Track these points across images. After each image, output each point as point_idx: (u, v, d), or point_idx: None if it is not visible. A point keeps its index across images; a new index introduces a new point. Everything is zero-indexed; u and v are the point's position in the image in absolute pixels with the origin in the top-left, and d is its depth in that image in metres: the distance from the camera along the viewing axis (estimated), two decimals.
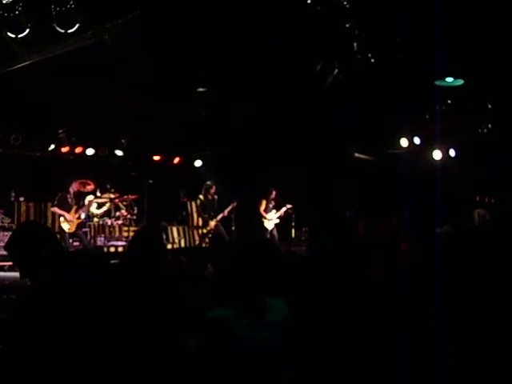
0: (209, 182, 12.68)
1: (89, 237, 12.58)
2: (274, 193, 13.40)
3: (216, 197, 12.60)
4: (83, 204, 11.88)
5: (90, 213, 12.68)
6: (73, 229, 11.41)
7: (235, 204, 12.70)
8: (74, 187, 11.62)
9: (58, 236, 10.75)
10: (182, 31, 7.99)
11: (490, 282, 4.15)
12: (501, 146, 12.25)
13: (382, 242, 6.68)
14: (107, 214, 13.03)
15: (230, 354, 3.12)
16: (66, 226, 11.35)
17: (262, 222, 13.21)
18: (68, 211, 11.45)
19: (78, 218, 11.61)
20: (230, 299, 3.23)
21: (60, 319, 3.08)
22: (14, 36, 7.02)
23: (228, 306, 3.20)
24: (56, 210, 11.53)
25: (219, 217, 12.55)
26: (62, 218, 11.44)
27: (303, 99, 10.63)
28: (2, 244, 11.74)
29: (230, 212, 12.72)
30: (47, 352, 3.03)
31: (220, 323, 3.16)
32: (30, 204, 12.67)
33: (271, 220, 13.30)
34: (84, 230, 12.32)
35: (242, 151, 14.31)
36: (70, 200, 11.56)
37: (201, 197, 12.55)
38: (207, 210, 12.55)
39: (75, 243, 12.03)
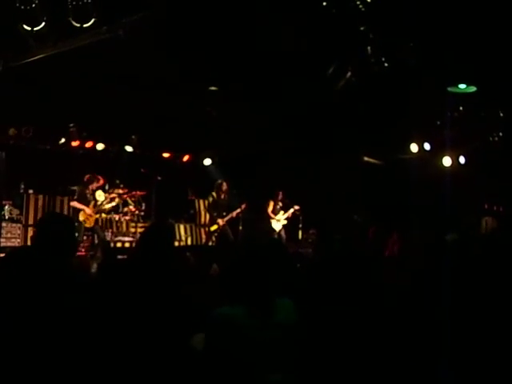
0: (220, 181, 12.67)
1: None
2: (280, 194, 13.41)
3: (227, 196, 12.60)
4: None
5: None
6: (91, 223, 11.52)
7: (244, 206, 12.69)
8: (93, 185, 11.71)
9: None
10: (196, 29, 8.00)
11: (496, 290, 4.14)
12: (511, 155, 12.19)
13: (390, 250, 6.67)
14: (115, 209, 13.06)
15: (236, 352, 3.12)
16: (84, 221, 11.43)
17: (270, 223, 13.22)
18: (87, 206, 11.55)
19: (97, 213, 11.72)
20: (238, 298, 3.23)
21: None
22: (29, 29, 7.04)
23: (235, 304, 3.20)
24: (75, 204, 11.59)
25: (227, 217, 12.54)
26: (81, 212, 11.50)
27: (315, 101, 10.63)
28: (10, 236, 11.82)
29: (238, 214, 12.71)
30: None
31: (226, 321, 3.16)
32: (39, 196, 12.71)
33: (279, 221, 13.31)
34: None
35: (250, 152, 14.32)
36: (88, 195, 11.66)
37: (214, 194, 12.54)
38: (217, 209, 12.53)
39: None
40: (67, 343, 3.10)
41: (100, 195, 12.62)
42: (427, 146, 12.89)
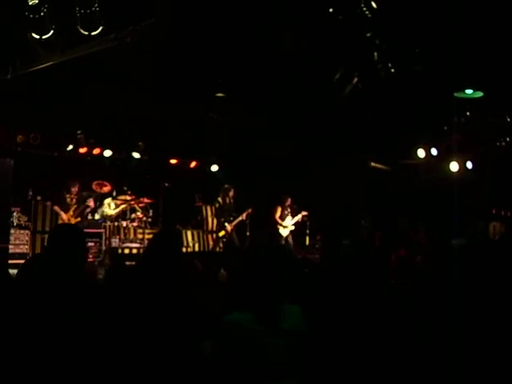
0: (227, 186, 12.68)
1: (104, 238, 12.63)
2: (289, 200, 13.41)
3: (232, 201, 12.61)
4: (84, 205, 11.98)
5: (105, 213, 12.77)
6: None
7: (251, 209, 12.69)
8: (76, 188, 11.70)
9: None
10: (202, 35, 8.03)
11: (505, 295, 4.13)
12: None
13: (397, 255, 6.67)
14: (122, 215, 13.10)
15: (243, 358, 3.13)
16: None
17: (278, 229, 13.22)
18: (65, 211, 11.54)
19: (76, 217, 11.67)
20: (246, 304, 3.24)
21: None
22: (38, 37, 7.09)
23: (243, 310, 3.21)
24: (56, 208, 11.64)
25: (236, 221, 12.54)
26: (59, 217, 11.56)
27: (321, 107, 10.64)
28: (18, 242, 11.86)
29: (247, 216, 12.70)
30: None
31: (234, 327, 3.16)
32: (47, 203, 12.75)
33: (287, 227, 13.30)
34: (99, 230, 12.39)
35: (259, 157, 14.34)
36: (68, 200, 11.64)
37: (219, 199, 12.54)
38: (224, 214, 12.53)
39: None
40: (76, 350, 3.12)
41: (108, 202, 12.68)
42: (434, 152, 12.89)
